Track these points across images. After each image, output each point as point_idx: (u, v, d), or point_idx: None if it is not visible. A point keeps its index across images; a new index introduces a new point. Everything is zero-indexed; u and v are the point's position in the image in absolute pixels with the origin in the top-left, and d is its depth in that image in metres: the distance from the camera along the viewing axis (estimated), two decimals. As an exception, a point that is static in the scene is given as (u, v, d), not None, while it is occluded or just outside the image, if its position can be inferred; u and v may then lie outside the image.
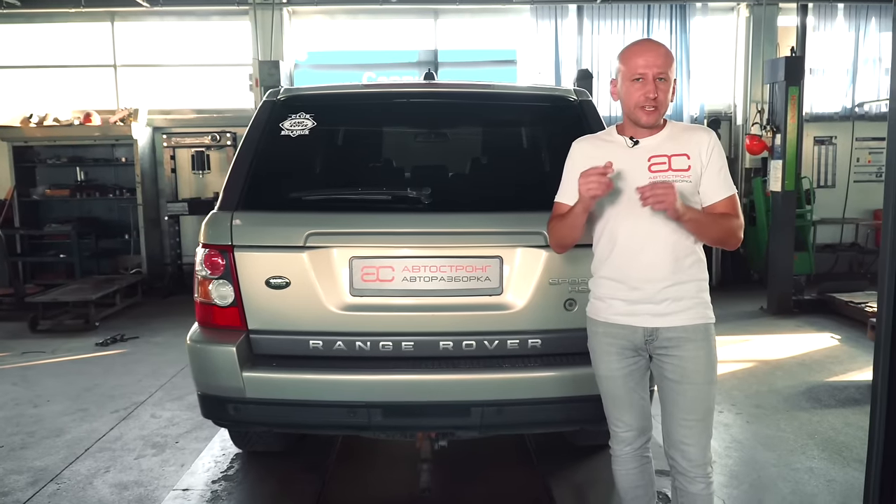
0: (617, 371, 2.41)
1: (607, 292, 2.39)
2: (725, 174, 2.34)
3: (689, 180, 2.29)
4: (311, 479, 3.51)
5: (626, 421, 2.47)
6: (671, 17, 8.63)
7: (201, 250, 2.80)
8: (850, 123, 8.83)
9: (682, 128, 2.41)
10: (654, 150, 2.33)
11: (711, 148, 2.33)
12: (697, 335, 2.32)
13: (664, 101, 2.29)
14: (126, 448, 4.01)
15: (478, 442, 3.34)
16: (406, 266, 2.74)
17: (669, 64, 2.28)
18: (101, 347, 6.25)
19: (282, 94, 3.15)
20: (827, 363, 5.56)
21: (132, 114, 8.43)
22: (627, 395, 2.44)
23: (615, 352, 2.40)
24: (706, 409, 2.34)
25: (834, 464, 3.71)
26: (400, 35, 8.99)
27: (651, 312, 2.32)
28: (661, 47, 2.32)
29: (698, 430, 2.33)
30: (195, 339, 2.80)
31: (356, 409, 2.68)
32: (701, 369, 2.32)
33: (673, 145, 2.33)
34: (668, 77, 2.28)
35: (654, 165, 2.30)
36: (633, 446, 2.50)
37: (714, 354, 2.36)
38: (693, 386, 2.32)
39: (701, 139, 2.35)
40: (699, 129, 2.42)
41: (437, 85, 3.39)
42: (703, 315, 2.34)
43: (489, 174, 3.38)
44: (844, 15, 8.80)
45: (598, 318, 2.43)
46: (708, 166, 2.32)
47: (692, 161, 2.31)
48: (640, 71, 2.26)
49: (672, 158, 2.31)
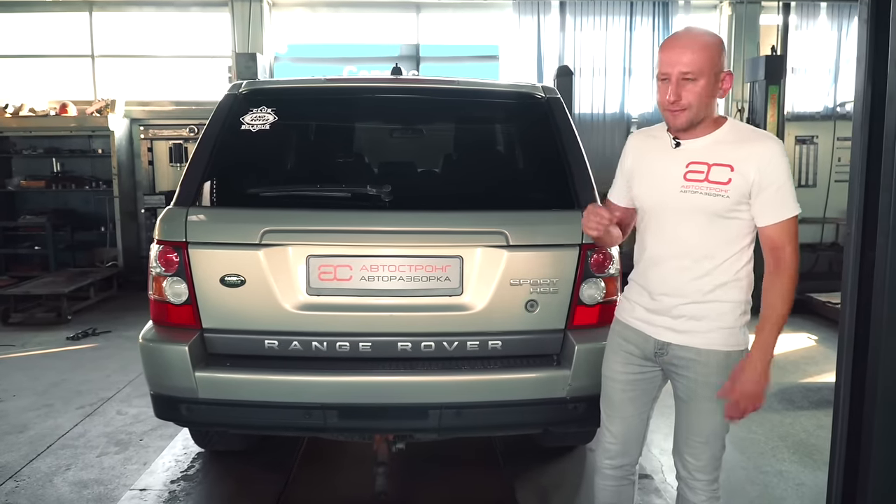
0: (618, 374, 2.32)
1: (633, 295, 2.31)
2: (785, 193, 2.04)
3: (725, 195, 2.04)
4: (272, 479, 3.45)
5: (614, 432, 2.37)
6: (654, 14, 8.59)
7: (155, 246, 2.73)
8: (831, 123, 8.84)
9: (740, 132, 2.11)
10: (695, 156, 2.10)
11: (768, 162, 2.02)
12: (711, 360, 2.13)
13: (694, 103, 2.02)
14: (89, 445, 3.94)
15: (444, 443, 3.30)
16: (364, 265, 2.69)
17: (703, 58, 2.00)
18: (72, 341, 6.17)
19: (244, 88, 3.08)
20: (802, 364, 5.55)
21: (109, 105, 8.30)
22: (622, 404, 2.33)
23: (622, 353, 2.31)
24: (712, 432, 2.20)
25: (805, 467, 3.70)
26: (382, 29, 8.90)
27: (667, 326, 2.19)
28: (695, 40, 2.03)
29: (701, 451, 2.21)
30: (147, 338, 2.74)
31: (312, 410, 2.62)
32: (709, 394, 2.15)
33: (718, 152, 2.07)
34: (702, 75, 2.00)
35: (690, 174, 2.09)
36: (613, 462, 2.39)
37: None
38: (700, 409, 2.19)
39: (757, 151, 2.04)
40: (761, 137, 2.10)
41: (403, 80, 3.34)
42: (725, 342, 2.14)
43: (452, 172, 3.33)
44: (827, 13, 8.79)
45: (620, 318, 2.36)
46: (760, 184, 2.03)
47: (735, 174, 2.03)
48: (663, 70, 2.05)
49: (712, 168, 2.06)
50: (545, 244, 2.71)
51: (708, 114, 2.09)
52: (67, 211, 8.68)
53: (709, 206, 2.06)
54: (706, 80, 2.02)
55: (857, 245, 2.35)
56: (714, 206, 2.06)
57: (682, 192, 2.10)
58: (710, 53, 2.02)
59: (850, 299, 2.39)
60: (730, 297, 2.15)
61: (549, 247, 2.72)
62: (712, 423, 2.19)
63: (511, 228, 2.67)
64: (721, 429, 2.21)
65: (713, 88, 2.04)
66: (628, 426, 2.35)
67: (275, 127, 2.93)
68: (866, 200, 2.30)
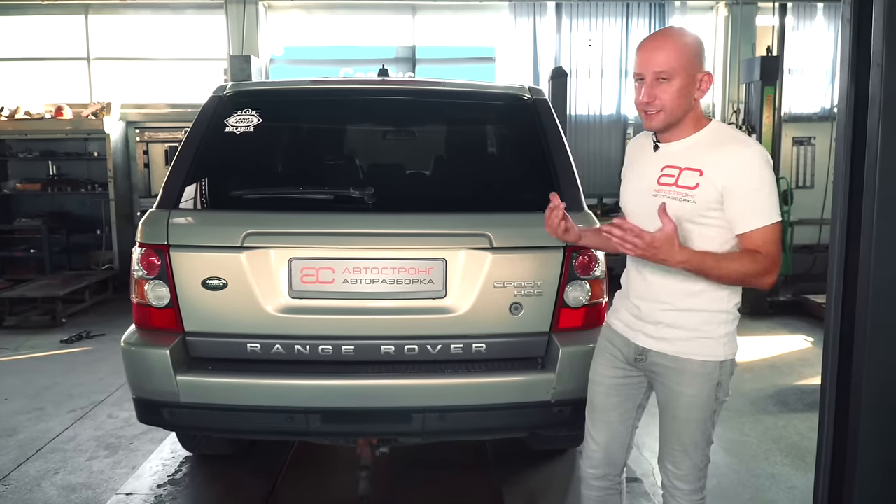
0: (603, 377, 2.30)
1: (619, 299, 2.33)
2: (762, 200, 1.96)
3: (692, 200, 1.99)
4: (260, 483, 3.43)
5: (597, 439, 2.33)
6: (650, 15, 8.57)
7: (137, 249, 2.72)
8: (829, 124, 8.79)
9: (720, 137, 2.05)
10: (671, 159, 2.07)
11: (743, 168, 1.95)
12: (687, 370, 2.08)
13: (668, 104, 1.99)
14: (79, 449, 3.93)
15: (431, 446, 3.28)
16: (347, 268, 2.67)
17: (678, 59, 1.97)
18: (65, 345, 6.15)
19: (228, 90, 3.07)
20: (797, 366, 5.52)
21: (105, 108, 8.29)
22: (605, 409, 2.30)
23: (607, 356, 2.30)
24: (691, 443, 2.14)
25: (797, 470, 3.67)
26: (378, 31, 8.87)
27: (646, 332, 2.17)
28: (666, 41, 2.02)
29: (682, 459, 2.17)
30: (129, 342, 2.72)
31: (294, 414, 2.61)
32: (685, 405, 2.11)
33: (693, 156, 2.02)
34: (677, 75, 1.97)
35: (663, 177, 2.06)
36: (597, 472, 2.35)
37: (712, 394, 2.10)
38: (676, 419, 2.15)
39: (730, 156, 1.97)
40: (738, 142, 2.02)
41: (389, 82, 3.31)
42: (704, 351, 2.08)
43: (436, 174, 3.31)
44: (824, 14, 8.75)
45: (607, 321, 2.37)
46: (730, 189, 1.96)
47: (703, 179, 1.98)
48: (637, 70, 2.04)
49: (683, 172, 2.02)
50: (529, 246, 2.69)
51: (686, 115, 2.05)
52: (63, 214, 8.66)
53: (676, 211, 1.98)
54: (681, 81, 1.99)
55: (841, 247, 2.34)
56: (681, 211, 2.00)
57: (654, 195, 2.07)
58: (685, 53, 1.99)
59: (835, 302, 2.38)
60: (708, 307, 2.10)
61: (534, 249, 2.70)
62: (691, 433, 2.14)
63: (495, 230, 2.66)
64: (701, 440, 2.14)
65: (689, 89, 2.01)
66: (612, 433, 2.32)
67: (259, 129, 2.92)
68: (850, 202, 2.29)
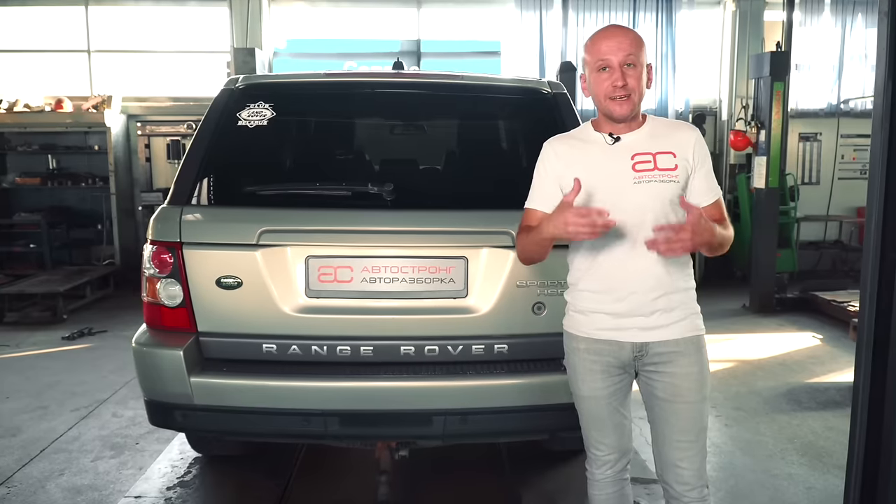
0: (601, 391, 2.21)
1: (589, 305, 2.18)
2: (711, 176, 2.19)
3: (676, 181, 2.11)
4: (271, 486, 3.37)
5: (609, 444, 2.27)
6: (657, 9, 8.49)
7: (149, 247, 2.66)
8: (835, 120, 8.76)
9: (665, 124, 2.23)
10: (637, 148, 2.12)
11: (698, 147, 2.16)
12: (690, 348, 2.15)
13: (637, 89, 2.07)
14: (84, 449, 3.86)
15: (446, 447, 3.22)
16: (366, 266, 2.60)
17: (638, 47, 2.08)
18: (67, 341, 6.09)
19: (240, 82, 2.99)
20: (808, 363, 5.48)
21: (106, 101, 8.20)
22: (611, 417, 2.24)
23: (599, 370, 2.19)
24: (700, 427, 2.18)
25: (814, 470, 3.63)
26: (382, 24, 8.80)
27: (640, 326, 2.13)
28: (627, 30, 2.13)
29: (692, 452, 2.16)
30: (141, 342, 2.65)
31: (311, 417, 2.55)
32: (694, 386, 2.15)
33: (656, 142, 2.14)
34: (639, 62, 2.07)
35: (639, 164, 2.10)
36: (614, 469, 2.32)
37: (707, 368, 2.20)
38: (686, 405, 2.15)
39: (686, 137, 2.17)
40: (683, 125, 2.25)
41: (405, 75, 3.24)
42: (695, 326, 2.18)
43: (456, 170, 3.24)
44: (831, 10, 8.70)
45: (580, 334, 2.21)
46: (697, 168, 2.15)
47: (679, 160, 2.12)
48: (603, 58, 2.06)
49: (657, 156, 2.11)
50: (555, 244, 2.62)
51: (639, 106, 2.15)
52: (63, 208, 8.58)
53: (664, 193, 2.10)
54: (641, 69, 2.10)
55: (876, 246, 2.27)
56: (669, 192, 2.10)
57: (637, 183, 2.10)
58: (641, 43, 2.11)
59: (870, 302, 2.30)
60: (689, 283, 2.20)
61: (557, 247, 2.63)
62: (702, 415, 2.18)
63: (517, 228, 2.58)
64: (706, 422, 2.22)
65: (643, 79, 2.11)
66: (623, 431, 2.30)
67: (272, 123, 2.84)
68: (886, 200, 2.23)
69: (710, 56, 9.10)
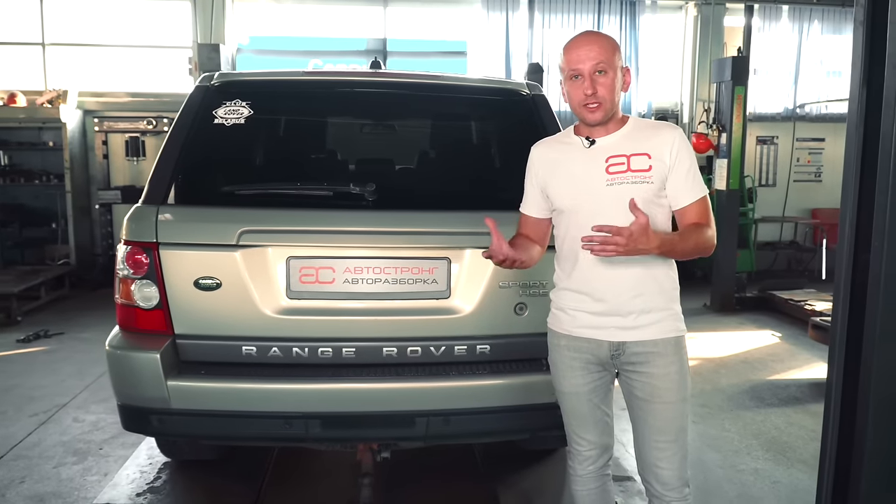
0: (581, 387, 2.25)
1: (571, 304, 2.23)
2: (695, 175, 2.16)
3: (650, 181, 2.12)
4: (243, 490, 3.31)
5: (590, 439, 2.32)
6: (621, 13, 8.62)
7: (123, 247, 2.57)
8: (791, 124, 9.01)
9: (645, 125, 2.23)
10: (612, 150, 2.15)
11: (677, 147, 2.14)
12: (668, 349, 2.16)
13: (607, 96, 2.10)
14: (45, 456, 3.74)
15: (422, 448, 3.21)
16: (348, 267, 2.58)
17: (610, 53, 2.10)
18: (22, 344, 5.88)
19: (216, 79, 2.93)
20: (769, 361, 5.62)
21: (61, 95, 7.95)
22: (592, 413, 2.29)
23: (579, 366, 2.24)
24: (679, 427, 2.19)
25: (778, 465, 3.72)
26: (348, 22, 8.72)
27: (618, 325, 2.16)
28: (599, 37, 2.14)
29: (671, 452, 2.18)
30: (115, 345, 2.57)
31: (293, 420, 2.51)
32: (672, 386, 2.16)
33: (633, 144, 2.15)
34: (611, 68, 2.10)
35: (612, 167, 2.13)
36: (596, 465, 2.36)
37: (686, 369, 2.20)
38: (664, 405, 2.17)
39: (665, 137, 2.15)
40: (664, 126, 2.23)
41: (384, 74, 3.22)
42: (674, 327, 2.19)
43: (437, 170, 3.23)
44: (789, 16, 8.94)
45: (561, 331, 2.26)
46: (674, 167, 2.13)
47: (654, 161, 2.12)
48: (574, 67, 2.10)
49: (631, 158, 2.13)
50: None
51: (617, 108, 2.18)
52: (16, 206, 8.30)
53: (636, 194, 2.07)
54: (613, 74, 2.12)
55: (850, 248, 2.33)
56: (641, 193, 2.09)
57: (609, 185, 2.13)
58: (613, 48, 2.13)
59: (843, 303, 2.36)
60: (669, 284, 2.21)
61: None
62: (680, 416, 2.19)
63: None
64: (686, 422, 2.21)
65: (617, 84, 2.14)
66: (604, 427, 2.33)
67: (250, 121, 2.79)
68: (860, 203, 2.29)
69: (673, 60, 9.27)
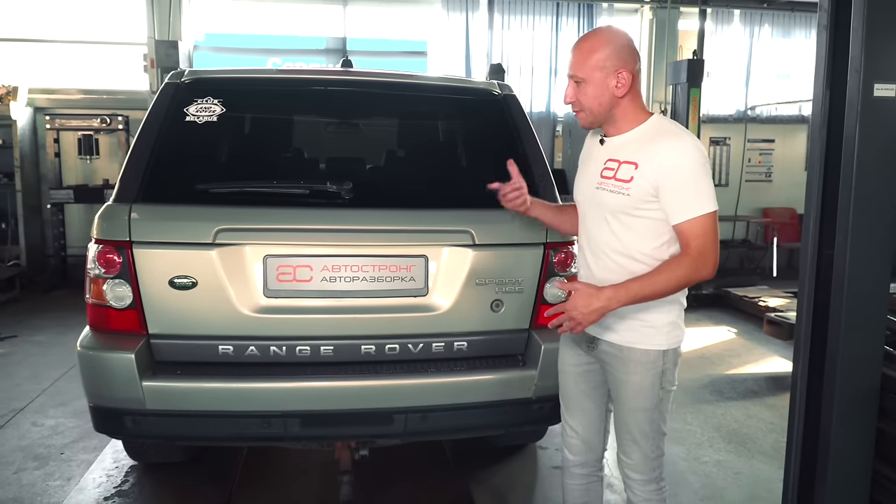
0: (569, 366, 2.34)
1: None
2: (692, 192, 1.97)
3: (626, 193, 2.03)
4: (214, 492, 3.27)
5: (574, 427, 2.37)
6: (579, 15, 8.74)
7: (94, 246, 2.52)
8: (742, 125, 9.26)
9: (656, 131, 2.07)
10: (613, 153, 2.12)
11: (673, 160, 1.97)
12: (631, 358, 2.12)
13: (587, 103, 2.07)
14: (3, 461, 3.62)
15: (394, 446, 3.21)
16: (325, 265, 2.57)
17: (584, 63, 2.04)
18: (-27, 348, 5.69)
19: (186, 77, 2.89)
20: (726, 356, 5.77)
21: (11, 92, 7.68)
22: (577, 398, 2.34)
23: (568, 345, 2.34)
24: (641, 433, 2.17)
25: (740, 456, 3.83)
26: (307, 20, 8.63)
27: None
28: (583, 43, 2.08)
29: (632, 449, 2.20)
30: (87, 346, 2.52)
31: (271, 419, 2.49)
32: (632, 395, 2.14)
33: (631, 150, 2.06)
34: (586, 77, 2.04)
35: (605, 171, 2.12)
36: (579, 458, 2.38)
37: (656, 385, 2.11)
38: (626, 410, 2.18)
39: (660, 150, 2.00)
40: (673, 135, 2.04)
41: (357, 73, 3.21)
42: (647, 340, 2.11)
43: (413, 168, 3.23)
44: (740, 20, 9.18)
45: None
46: (664, 183, 1.98)
47: (638, 172, 2.01)
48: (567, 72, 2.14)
49: (622, 165, 2.06)
50: (511, 243, 2.68)
51: (614, 112, 2.09)
52: (-38, 206, 8.01)
53: (612, 204, 2.07)
54: (593, 84, 2.04)
55: (814, 244, 2.43)
56: (617, 204, 2.06)
57: (596, 189, 2.14)
58: (594, 56, 2.03)
59: (808, 298, 2.46)
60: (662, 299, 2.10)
61: (515, 245, 2.68)
62: (638, 422, 2.16)
63: (477, 227, 2.63)
64: (649, 429, 2.16)
65: (602, 89, 2.04)
66: (588, 420, 2.36)
67: (223, 119, 2.76)
68: (824, 201, 2.39)
69: (629, 62, 9.40)
